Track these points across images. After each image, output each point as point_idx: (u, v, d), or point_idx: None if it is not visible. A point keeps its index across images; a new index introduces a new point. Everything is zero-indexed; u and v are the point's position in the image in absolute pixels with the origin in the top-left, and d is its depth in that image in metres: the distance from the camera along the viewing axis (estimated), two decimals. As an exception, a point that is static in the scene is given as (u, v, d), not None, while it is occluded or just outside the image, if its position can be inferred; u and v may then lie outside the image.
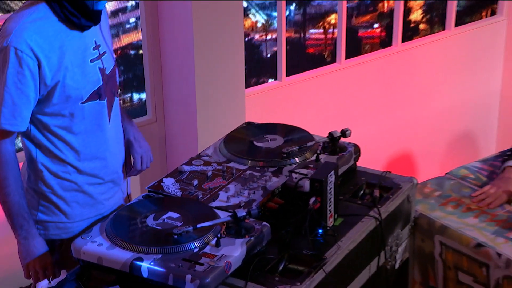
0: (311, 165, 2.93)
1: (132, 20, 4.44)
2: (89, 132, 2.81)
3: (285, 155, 2.99)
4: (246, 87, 4.69)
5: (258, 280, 2.47)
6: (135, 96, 4.59)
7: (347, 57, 5.09)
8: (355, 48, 5.54)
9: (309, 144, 3.07)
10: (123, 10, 4.77)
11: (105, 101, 2.81)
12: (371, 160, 4.98)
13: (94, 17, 2.67)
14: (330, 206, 2.70)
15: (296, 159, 3.00)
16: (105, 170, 2.90)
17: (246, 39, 5.53)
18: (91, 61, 2.74)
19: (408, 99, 5.14)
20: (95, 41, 2.76)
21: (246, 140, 3.16)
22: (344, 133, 3.07)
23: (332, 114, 4.97)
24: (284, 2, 4.70)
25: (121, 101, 3.21)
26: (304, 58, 5.36)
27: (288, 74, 4.92)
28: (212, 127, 3.80)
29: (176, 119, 4.35)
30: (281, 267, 2.53)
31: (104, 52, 2.80)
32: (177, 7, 4.03)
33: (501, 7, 5.54)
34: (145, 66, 4.29)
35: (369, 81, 5.13)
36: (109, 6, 4.71)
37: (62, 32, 2.63)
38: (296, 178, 2.80)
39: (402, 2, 5.28)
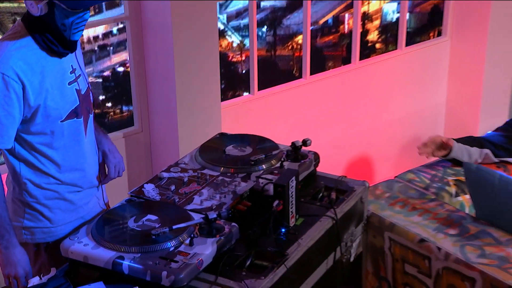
0: (276, 171, 2.93)
1: (121, 41, 4.42)
2: (68, 147, 2.78)
3: (253, 162, 2.99)
4: (223, 100, 4.70)
5: (227, 274, 2.47)
6: (124, 109, 4.55)
7: (312, 73, 5.07)
8: (320, 65, 5.55)
9: (274, 152, 3.07)
10: (113, 33, 4.77)
11: (82, 118, 2.80)
12: (333, 164, 4.99)
13: (70, 46, 2.67)
14: (291, 208, 2.72)
15: (263, 166, 2.99)
16: (83, 180, 2.88)
17: (224, 57, 5.55)
18: (69, 83, 2.72)
19: (365, 110, 5.15)
20: (71, 65, 2.75)
21: (218, 149, 3.16)
22: (305, 143, 3.08)
23: (299, 124, 4.98)
24: (255, 25, 4.70)
25: (109, 114, 3.20)
26: (275, 74, 5.33)
27: (261, 88, 4.90)
28: (192, 136, 3.80)
29: (159, 130, 4.34)
30: (248, 263, 2.53)
31: (80, 75, 2.79)
32: (160, 31, 4.04)
33: (445, 29, 5.57)
34: (131, 82, 4.29)
35: (331, 94, 5.14)
36: (101, 30, 4.71)
37: (42, 59, 2.61)
38: (262, 183, 2.80)
39: (360, 24, 5.29)
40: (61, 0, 2.50)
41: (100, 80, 4.99)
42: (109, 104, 4.97)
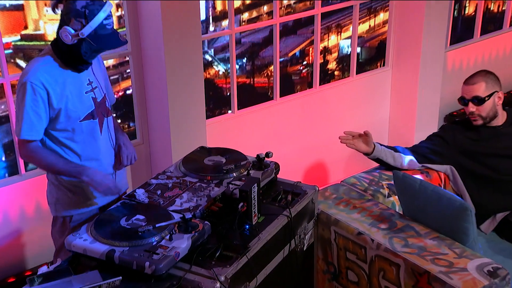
0: (243, 178, 2.90)
1: (128, 70, 4.39)
2: (86, 141, 2.86)
3: (225, 171, 2.97)
4: (210, 117, 4.68)
5: (199, 264, 2.47)
6: (131, 125, 4.54)
7: (282, 95, 5.06)
8: (290, 88, 5.55)
9: (242, 163, 3.06)
10: (122, 63, 4.75)
11: (97, 120, 2.86)
12: (295, 170, 5.07)
13: (86, 65, 2.77)
14: (254, 209, 2.71)
15: (234, 174, 2.97)
16: (100, 168, 2.91)
17: (212, 83, 5.54)
18: (86, 92, 2.80)
19: (323, 125, 5.14)
20: (88, 79, 2.82)
21: (198, 160, 3.14)
22: (267, 155, 3.06)
23: (270, 137, 4.97)
24: (234, 57, 4.68)
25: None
26: (254, 96, 5.32)
27: (241, 107, 4.88)
28: (182, 148, 3.79)
29: (156, 142, 4.33)
30: (217, 254, 2.51)
31: (96, 87, 2.85)
32: (156, 64, 4.04)
33: (388, 60, 5.58)
34: (134, 104, 4.29)
35: (296, 113, 5.13)
36: (112, 61, 4.69)
37: (64, 73, 2.72)
38: (231, 188, 2.79)
39: (319, 56, 5.29)
40: (93, 39, 2.59)
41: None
42: (119, 120, 4.94)
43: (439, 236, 2.88)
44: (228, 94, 4.99)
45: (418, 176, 3.42)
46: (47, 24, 4.23)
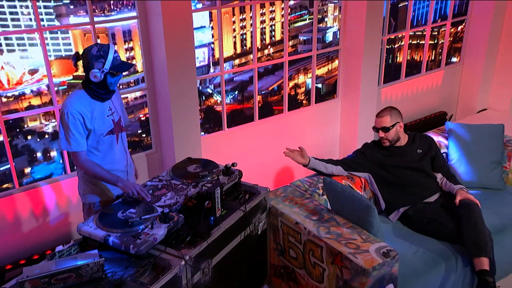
0: (214, 182, 2.80)
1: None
2: (107, 150, 2.82)
3: (201, 176, 2.89)
4: (208, 133, 4.59)
5: (172, 246, 2.41)
6: (149, 138, 4.46)
7: (260, 118, 4.95)
8: (270, 113, 5.45)
9: (214, 170, 2.97)
10: (142, 96, 4.73)
11: (115, 135, 2.83)
12: (269, 174, 5.00)
13: (109, 95, 2.76)
14: (218, 205, 2.63)
15: (208, 178, 2.89)
16: (116, 167, 2.87)
17: (212, 108, 5.48)
18: (107, 116, 2.77)
19: (291, 140, 5.01)
20: (109, 106, 2.79)
21: (183, 168, 3.05)
22: (233, 164, 2.98)
23: (251, 149, 4.88)
24: (224, 90, 4.60)
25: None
26: (243, 118, 5.22)
27: (230, 126, 4.78)
28: (183, 156, 3.63)
29: (166, 152, 4.28)
30: (187, 239, 2.46)
31: (114, 112, 2.82)
32: (163, 97, 3.95)
33: (338, 93, 5.50)
34: (150, 124, 4.23)
35: (271, 131, 5.03)
36: (139, 93, 4.62)
37: (92, 103, 2.70)
38: (204, 189, 2.68)
39: (287, 89, 5.19)
40: (113, 69, 2.60)
41: (139, 122, 4.91)
42: (144, 135, 4.88)
43: (352, 226, 2.79)
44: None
45: (345, 181, 3.34)
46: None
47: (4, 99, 4.19)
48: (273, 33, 5.56)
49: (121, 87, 4.29)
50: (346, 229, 2.76)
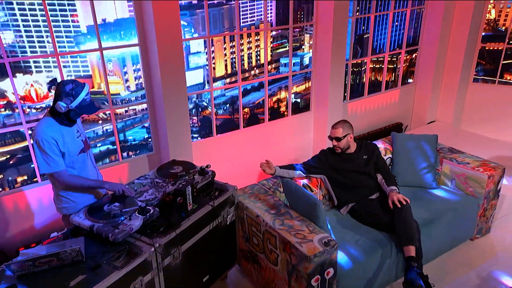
0: (189, 181, 2.71)
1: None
2: (81, 167, 2.55)
3: (179, 175, 2.80)
4: (201, 139, 4.50)
5: (146, 235, 2.32)
6: (150, 142, 4.35)
7: (245, 126, 4.86)
8: (256, 122, 5.33)
9: (191, 171, 2.87)
10: (143, 109, 4.62)
11: (86, 153, 2.60)
12: (251, 173, 4.79)
13: (74, 122, 2.49)
14: (189, 200, 2.54)
15: (186, 177, 2.79)
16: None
17: (209, 119, 5.37)
18: (77, 137, 2.53)
19: (271, 146, 4.92)
20: (76, 129, 2.54)
21: (167, 168, 2.95)
22: (207, 166, 2.88)
23: (236, 152, 4.78)
24: (213, 103, 4.49)
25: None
26: (231, 126, 5.08)
27: (219, 133, 4.69)
28: (176, 158, 3.57)
29: (163, 155, 4.18)
30: (161, 230, 2.36)
31: (80, 134, 2.57)
32: (160, 109, 3.89)
33: (311, 107, 5.40)
34: (151, 131, 4.13)
35: (254, 137, 4.94)
36: (144, 106, 4.52)
37: (62, 128, 2.44)
38: (178, 187, 2.59)
39: (268, 103, 5.05)
40: (78, 109, 2.40)
41: (145, 129, 4.83)
42: (149, 140, 4.80)
43: (303, 219, 2.69)
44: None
45: (305, 181, 3.23)
46: (103, 84, 4.15)
47: (34, 110, 4.14)
48: (258, 57, 5.46)
49: (125, 99, 4.22)
50: (297, 222, 2.65)
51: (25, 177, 3.76)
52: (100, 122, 4.41)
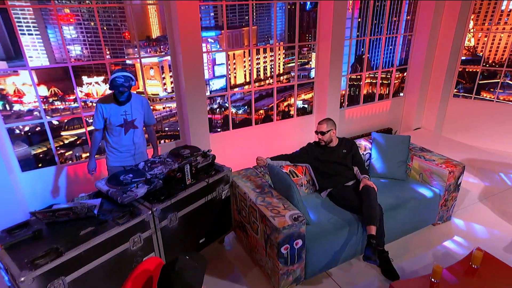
0: (191, 161, 2.62)
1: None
2: (117, 135, 2.69)
3: (185, 157, 2.72)
4: (217, 132, 4.40)
5: (148, 201, 2.25)
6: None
7: (256, 124, 4.72)
8: (268, 121, 5.14)
9: (195, 153, 2.79)
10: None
11: (123, 128, 2.67)
12: (248, 160, 4.54)
13: (121, 103, 2.61)
14: (188, 176, 2.45)
15: (191, 158, 2.70)
16: (121, 150, 2.75)
17: (227, 117, 5.26)
18: (120, 115, 2.63)
19: (278, 140, 4.75)
20: (125, 110, 2.63)
21: (177, 151, 2.88)
22: (208, 150, 2.79)
23: (247, 145, 4.65)
24: (230, 104, 4.38)
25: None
26: (247, 123, 4.89)
27: (235, 128, 4.56)
28: (197, 145, 3.51)
29: (187, 142, 4.11)
30: (162, 198, 2.29)
31: (128, 114, 2.65)
32: (184, 105, 3.79)
33: (314, 111, 5.12)
34: (179, 124, 4.08)
35: (263, 133, 4.78)
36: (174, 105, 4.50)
37: (112, 104, 2.60)
38: (180, 164, 2.51)
39: (276, 107, 4.88)
40: (111, 87, 2.49)
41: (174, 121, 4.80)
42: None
43: (281, 198, 2.54)
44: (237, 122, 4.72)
45: (292, 168, 3.06)
46: (148, 86, 4.14)
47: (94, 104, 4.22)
48: (272, 68, 5.29)
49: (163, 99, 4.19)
50: (276, 200, 2.51)
51: (88, 154, 3.86)
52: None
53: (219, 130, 4.61)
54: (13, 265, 1.68)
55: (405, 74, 6.61)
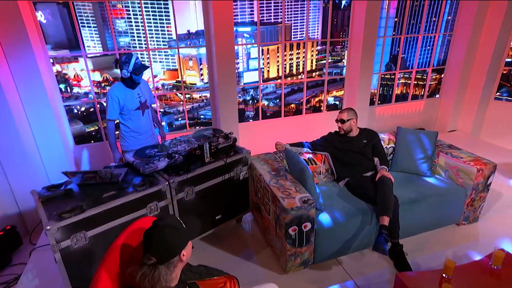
0: (212, 141, 2.58)
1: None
2: (136, 120, 2.62)
3: (208, 137, 2.69)
4: (246, 122, 4.35)
5: (168, 173, 2.26)
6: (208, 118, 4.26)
7: (285, 115, 4.55)
8: (300, 113, 4.97)
9: (217, 134, 2.75)
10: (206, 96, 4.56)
11: (140, 110, 2.63)
12: (272, 149, 4.47)
13: (136, 85, 2.56)
14: (206, 154, 2.41)
15: (213, 139, 2.66)
16: (142, 132, 2.68)
17: (258, 108, 5.17)
18: (135, 98, 2.59)
19: (306, 130, 4.55)
20: (137, 93, 2.59)
21: (201, 132, 2.84)
22: (230, 133, 2.73)
23: (276, 134, 4.52)
24: (260, 98, 4.31)
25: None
26: (276, 115, 4.83)
27: (264, 119, 4.45)
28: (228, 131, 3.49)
29: (218, 127, 4.09)
30: (181, 172, 2.27)
31: (141, 96, 2.61)
32: (216, 95, 3.76)
33: (343, 107, 4.86)
34: (212, 112, 4.06)
35: (292, 124, 4.60)
36: (208, 93, 4.51)
37: (125, 89, 2.53)
38: (199, 143, 2.47)
39: (305, 101, 4.69)
40: (134, 70, 2.43)
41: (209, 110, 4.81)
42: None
43: (295, 181, 2.42)
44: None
45: (311, 155, 2.91)
46: (186, 76, 4.19)
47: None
48: (304, 64, 5.11)
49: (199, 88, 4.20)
50: (289, 183, 2.39)
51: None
52: (181, 102, 4.49)
53: (251, 119, 4.54)
54: (44, 216, 1.77)
55: (442, 75, 6.05)
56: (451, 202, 2.68)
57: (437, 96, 6.01)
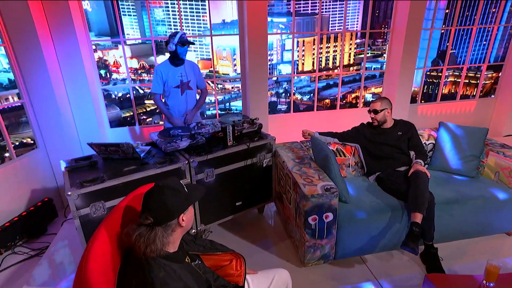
0: (236, 125, 2.53)
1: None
2: (173, 96, 2.69)
3: (235, 122, 2.63)
4: (276, 114, 4.26)
5: (189, 153, 2.25)
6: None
7: (318, 110, 4.38)
8: (334, 108, 4.77)
9: (243, 119, 2.68)
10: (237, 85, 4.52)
11: (180, 89, 2.69)
12: (297, 134, 4.20)
13: (180, 62, 2.63)
14: (229, 137, 2.37)
15: (240, 124, 2.61)
16: (175, 109, 2.73)
17: (289, 102, 5.04)
18: (177, 76, 2.66)
19: (336, 123, 4.34)
20: (180, 72, 2.66)
21: (232, 118, 2.79)
22: (256, 118, 2.66)
23: (303, 126, 4.36)
24: (292, 90, 4.19)
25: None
26: (310, 109, 4.67)
27: (295, 112, 4.31)
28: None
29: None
30: (203, 153, 2.25)
31: (184, 75, 2.67)
32: (247, 86, 3.71)
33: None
34: (242, 102, 3.98)
35: (323, 117, 4.39)
36: (239, 84, 4.48)
37: (170, 67, 2.62)
38: (225, 125, 2.41)
39: (339, 96, 4.47)
40: (180, 42, 2.51)
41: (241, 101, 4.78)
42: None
43: (319, 170, 2.27)
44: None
45: (339, 146, 2.74)
46: (219, 66, 4.21)
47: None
48: (341, 58, 4.91)
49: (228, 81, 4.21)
50: (312, 170, 2.25)
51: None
52: (213, 93, 4.52)
53: (283, 112, 4.44)
54: (68, 182, 1.84)
55: (499, 73, 5.43)
56: (502, 208, 2.34)
57: (492, 96, 5.41)
